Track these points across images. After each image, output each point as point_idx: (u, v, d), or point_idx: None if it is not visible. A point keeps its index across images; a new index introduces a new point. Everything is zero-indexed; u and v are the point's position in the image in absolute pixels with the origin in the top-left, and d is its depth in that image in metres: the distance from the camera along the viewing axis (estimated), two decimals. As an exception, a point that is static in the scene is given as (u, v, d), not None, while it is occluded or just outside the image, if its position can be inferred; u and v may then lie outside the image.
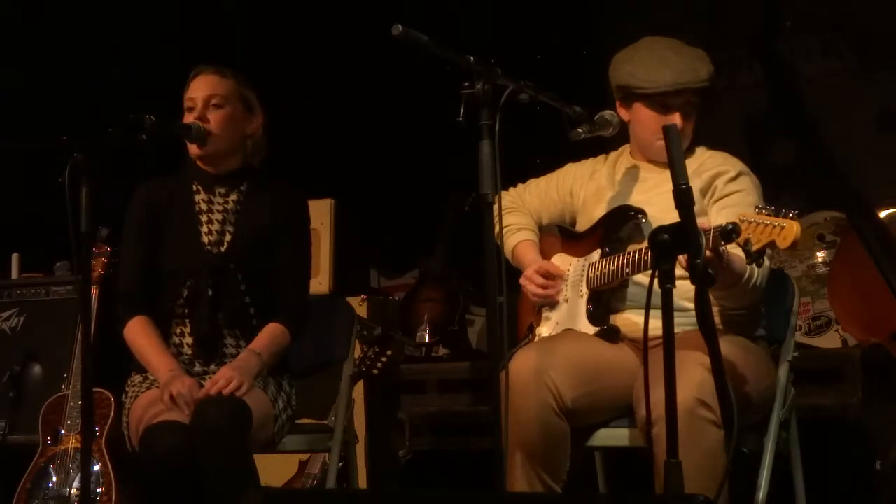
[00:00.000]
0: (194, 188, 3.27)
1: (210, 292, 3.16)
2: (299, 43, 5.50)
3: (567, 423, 2.87)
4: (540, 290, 3.15)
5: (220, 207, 3.25)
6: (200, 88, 3.23)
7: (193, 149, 3.21)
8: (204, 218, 3.24)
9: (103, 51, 5.41)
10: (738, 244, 2.54)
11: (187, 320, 3.18)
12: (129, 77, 5.32)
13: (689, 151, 3.13)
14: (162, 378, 3.07)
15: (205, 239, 3.21)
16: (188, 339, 3.18)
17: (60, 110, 5.09)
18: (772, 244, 2.52)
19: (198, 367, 3.16)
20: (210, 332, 3.17)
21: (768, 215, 2.52)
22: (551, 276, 3.15)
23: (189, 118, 3.21)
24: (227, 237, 3.22)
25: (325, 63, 5.50)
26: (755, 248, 2.52)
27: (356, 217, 5.05)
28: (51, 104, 5.18)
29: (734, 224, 2.51)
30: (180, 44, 5.14)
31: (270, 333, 3.19)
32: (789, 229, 2.50)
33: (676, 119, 3.04)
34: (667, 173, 2.41)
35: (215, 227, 3.23)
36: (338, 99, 5.49)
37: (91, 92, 5.26)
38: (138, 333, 3.17)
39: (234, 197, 3.27)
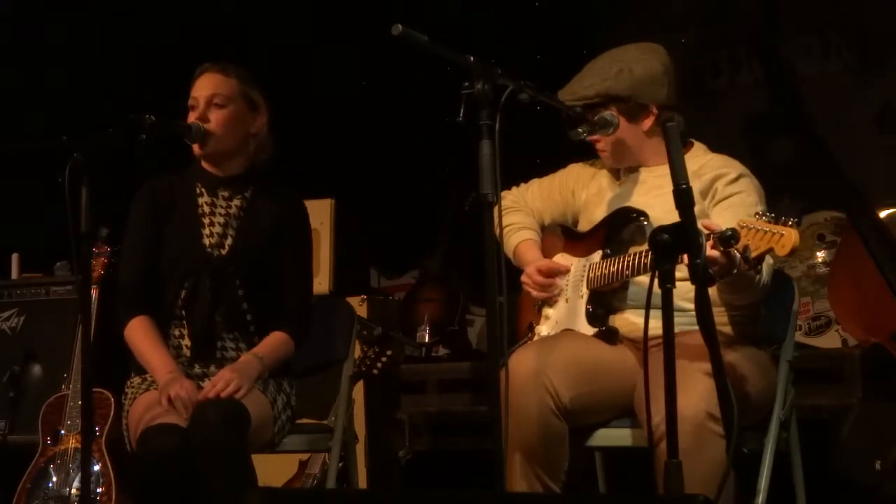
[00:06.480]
0: (198, 190, 3.25)
1: (209, 295, 3.14)
2: (299, 42, 5.50)
3: (565, 424, 2.87)
4: (540, 290, 3.14)
5: (223, 211, 3.23)
6: (203, 87, 3.20)
7: (196, 148, 3.19)
8: (206, 220, 3.22)
9: (103, 51, 5.41)
10: (737, 251, 2.53)
11: (185, 321, 3.16)
12: (130, 76, 5.33)
13: (638, 166, 3.12)
14: (161, 379, 3.05)
15: (206, 241, 3.20)
16: (186, 341, 3.17)
17: (60, 110, 5.09)
18: (770, 251, 2.51)
19: (197, 369, 3.14)
20: (207, 334, 3.15)
21: (768, 222, 2.51)
22: (552, 273, 3.15)
23: (191, 117, 3.19)
24: (229, 241, 3.21)
25: (326, 63, 5.50)
26: (754, 254, 2.51)
27: (356, 217, 5.05)
28: (51, 104, 5.18)
29: (733, 230, 2.49)
30: (179, 42, 5.14)
31: (273, 341, 3.18)
32: (788, 237, 2.49)
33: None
34: (668, 175, 2.41)
35: (217, 229, 3.21)
36: (338, 99, 5.49)
37: (91, 92, 5.26)
38: (138, 333, 3.14)
39: (237, 202, 3.25)
